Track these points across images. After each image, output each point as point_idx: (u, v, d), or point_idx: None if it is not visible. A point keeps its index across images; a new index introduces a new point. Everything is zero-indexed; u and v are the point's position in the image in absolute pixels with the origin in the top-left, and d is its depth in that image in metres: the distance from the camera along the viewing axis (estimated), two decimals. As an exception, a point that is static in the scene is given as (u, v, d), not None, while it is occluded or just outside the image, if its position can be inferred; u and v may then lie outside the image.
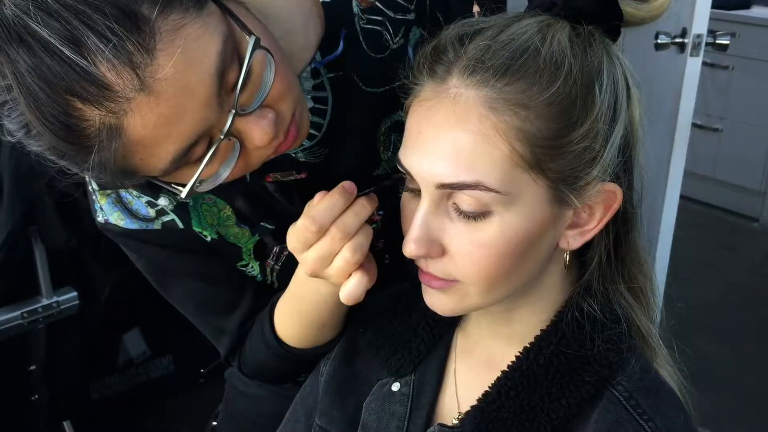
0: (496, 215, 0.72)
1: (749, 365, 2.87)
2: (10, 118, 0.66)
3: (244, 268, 1.03)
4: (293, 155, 0.95)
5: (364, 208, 0.81)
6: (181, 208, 0.96)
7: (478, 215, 0.72)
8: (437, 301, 0.80)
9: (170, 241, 0.98)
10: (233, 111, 0.70)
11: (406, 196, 0.80)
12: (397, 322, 0.91)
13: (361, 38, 0.94)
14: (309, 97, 0.93)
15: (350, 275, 0.83)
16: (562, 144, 0.70)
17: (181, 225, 0.97)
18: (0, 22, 0.62)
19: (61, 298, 1.88)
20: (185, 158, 0.70)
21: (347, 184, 0.82)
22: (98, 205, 0.96)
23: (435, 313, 0.81)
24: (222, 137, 0.71)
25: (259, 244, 1.01)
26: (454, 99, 0.71)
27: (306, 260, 0.83)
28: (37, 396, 2.05)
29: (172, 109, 0.66)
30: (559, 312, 0.81)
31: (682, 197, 2.34)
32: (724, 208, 4.08)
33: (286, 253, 1.01)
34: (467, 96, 0.70)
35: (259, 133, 0.73)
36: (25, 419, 2.09)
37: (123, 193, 0.95)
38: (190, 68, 0.65)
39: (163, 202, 0.95)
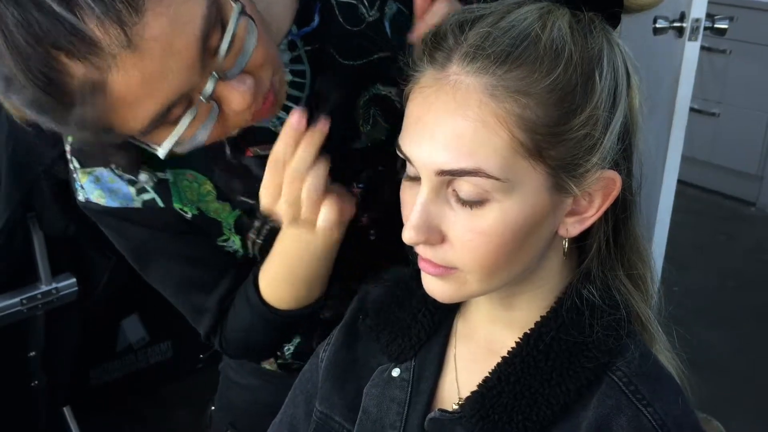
0: (496, 202, 0.72)
1: (746, 350, 2.89)
2: None
3: (224, 243, 1.03)
4: (272, 129, 0.95)
5: (306, 149, 0.84)
6: (161, 185, 0.96)
7: (478, 202, 0.72)
8: (436, 288, 0.80)
9: (151, 220, 0.98)
10: (215, 75, 0.72)
11: (405, 183, 0.80)
12: (397, 308, 0.92)
13: (336, 11, 0.95)
14: (287, 70, 0.94)
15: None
16: (562, 131, 0.70)
17: (161, 204, 0.97)
18: None
19: (60, 285, 1.88)
20: (164, 119, 0.72)
21: (294, 120, 0.84)
22: (79, 183, 0.97)
23: (435, 300, 0.81)
24: (202, 99, 0.72)
25: (239, 219, 1.01)
26: (454, 86, 0.71)
27: (281, 210, 0.86)
28: (36, 382, 2.05)
29: (155, 68, 0.67)
30: (559, 299, 0.82)
31: (679, 182, 2.33)
32: (722, 192, 4.09)
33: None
34: (467, 83, 0.70)
35: (237, 97, 0.75)
36: (24, 405, 2.10)
37: (104, 171, 0.95)
38: (176, 29, 0.67)
39: (143, 178, 0.95)
